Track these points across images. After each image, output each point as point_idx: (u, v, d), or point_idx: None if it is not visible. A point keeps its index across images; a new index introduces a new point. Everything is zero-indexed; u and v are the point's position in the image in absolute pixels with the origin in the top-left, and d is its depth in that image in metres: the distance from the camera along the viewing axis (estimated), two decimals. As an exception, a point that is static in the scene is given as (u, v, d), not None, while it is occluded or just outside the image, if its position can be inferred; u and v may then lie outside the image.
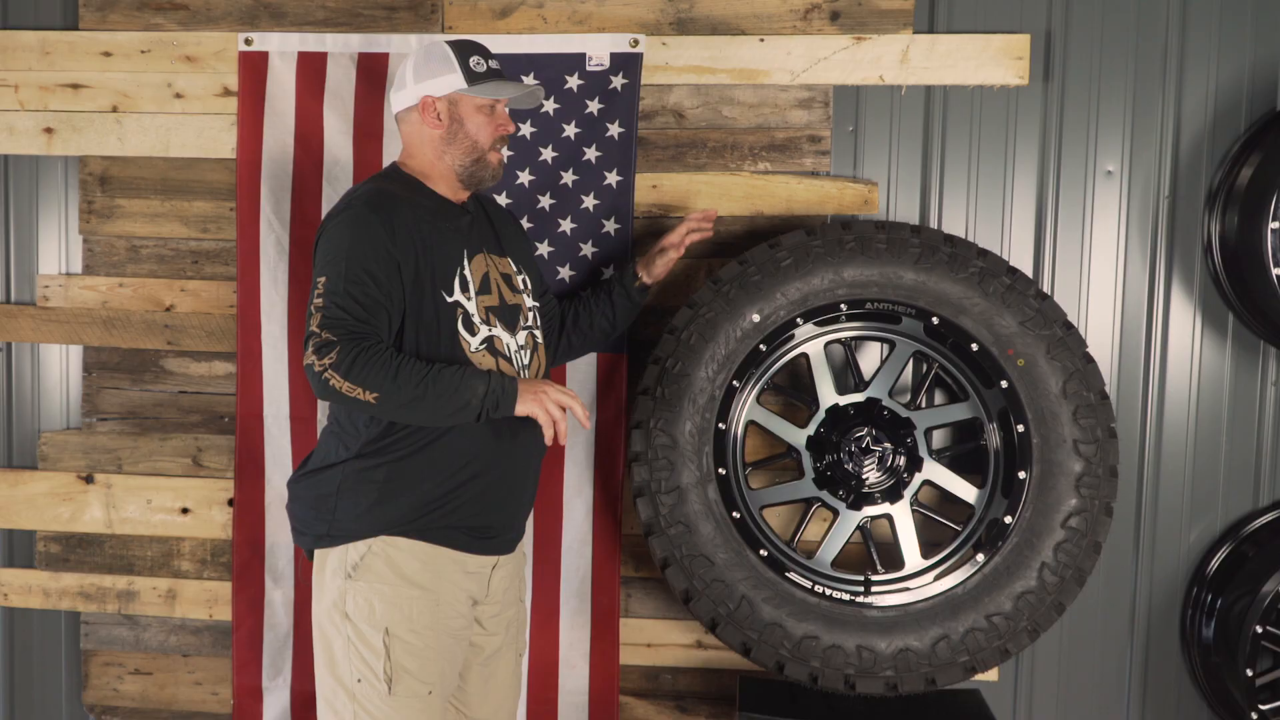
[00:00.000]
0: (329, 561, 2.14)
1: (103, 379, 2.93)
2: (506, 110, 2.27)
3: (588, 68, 2.71)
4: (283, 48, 2.78)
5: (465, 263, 2.16)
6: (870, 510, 2.52)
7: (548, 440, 2.04)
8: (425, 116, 2.19)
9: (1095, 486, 2.39)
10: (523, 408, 2.03)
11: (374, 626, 2.09)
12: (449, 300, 2.11)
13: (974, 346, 2.43)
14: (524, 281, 2.29)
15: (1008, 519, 2.42)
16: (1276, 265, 2.46)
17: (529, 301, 2.27)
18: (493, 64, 2.23)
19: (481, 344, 2.14)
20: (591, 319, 2.51)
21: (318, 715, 2.18)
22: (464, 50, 2.20)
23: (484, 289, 2.18)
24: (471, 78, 2.18)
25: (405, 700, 2.10)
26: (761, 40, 2.71)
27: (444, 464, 2.12)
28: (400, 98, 2.23)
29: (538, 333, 2.28)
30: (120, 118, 2.87)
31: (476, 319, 2.14)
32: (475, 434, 2.12)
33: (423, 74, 2.19)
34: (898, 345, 2.56)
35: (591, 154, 2.71)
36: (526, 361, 2.22)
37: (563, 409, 2.04)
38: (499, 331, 2.17)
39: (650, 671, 2.85)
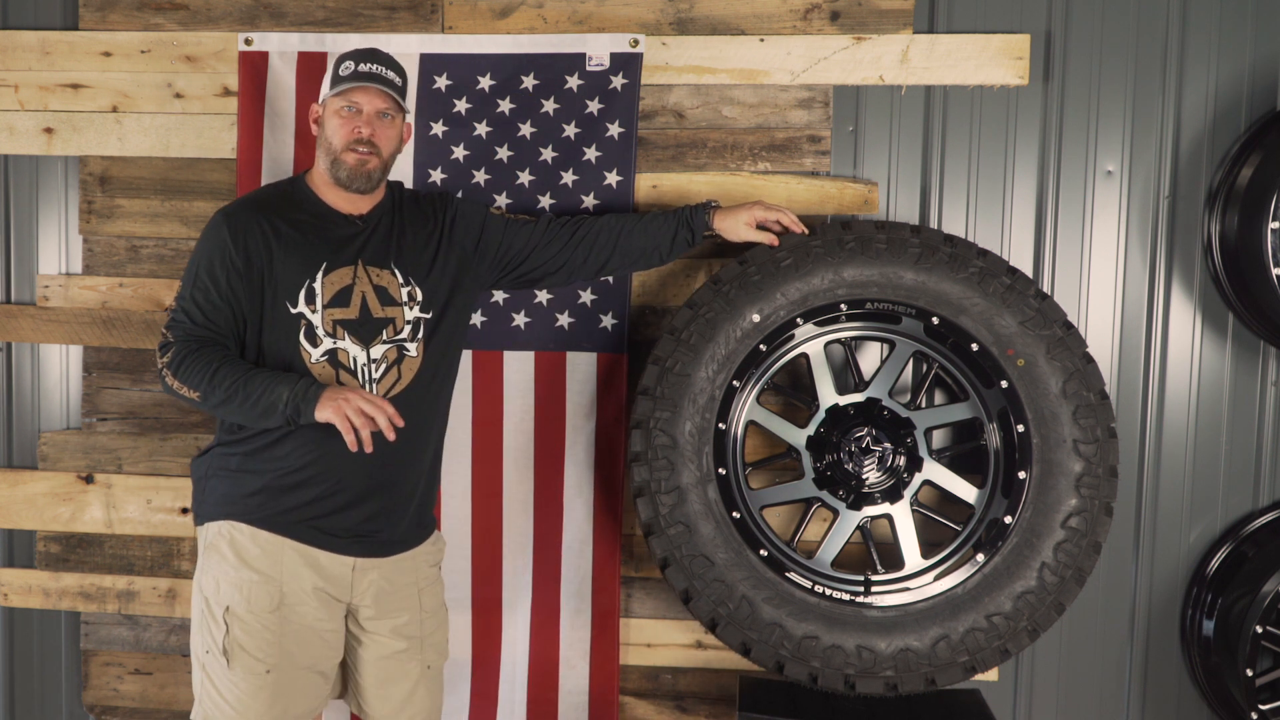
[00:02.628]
0: (199, 538, 2.30)
1: (103, 379, 2.93)
2: (376, 115, 2.26)
3: (588, 68, 2.71)
4: (283, 48, 2.78)
5: (318, 275, 2.23)
6: (870, 510, 2.52)
7: (350, 444, 2.06)
8: (312, 122, 2.33)
9: (1095, 486, 2.39)
10: (321, 414, 2.08)
11: (218, 603, 2.21)
12: (292, 311, 2.21)
13: (974, 346, 2.43)
14: (410, 294, 2.30)
15: (1008, 519, 2.42)
16: (1276, 265, 2.47)
17: (410, 314, 2.28)
18: (364, 67, 2.26)
19: (323, 356, 2.22)
20: (645, 246, 2.49)
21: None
22: (343, 57, 2.29)
23: (339, 302, 2.23)
24: (334, 81, 2.27)
25: (242, 675, 2.20)
26: (761, 40, 2.71)
27: (286, 460, 2.21)
28: None
29: (410, 346, 2.28)
30: (120, 118, 2.87)
31: (320, 331, 2.22)
32: (318, 436, 2.18)
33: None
34: (898, 345, 2.56)
35: (591, 154, 2.71)
36: (378, 375, 2.25)
37: (365, 415, 2.07)
38: (346, 344, 2.23)
39: (650, 671, 2.85)
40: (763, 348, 2.46)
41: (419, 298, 2.31)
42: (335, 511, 2.23)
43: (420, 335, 2.30)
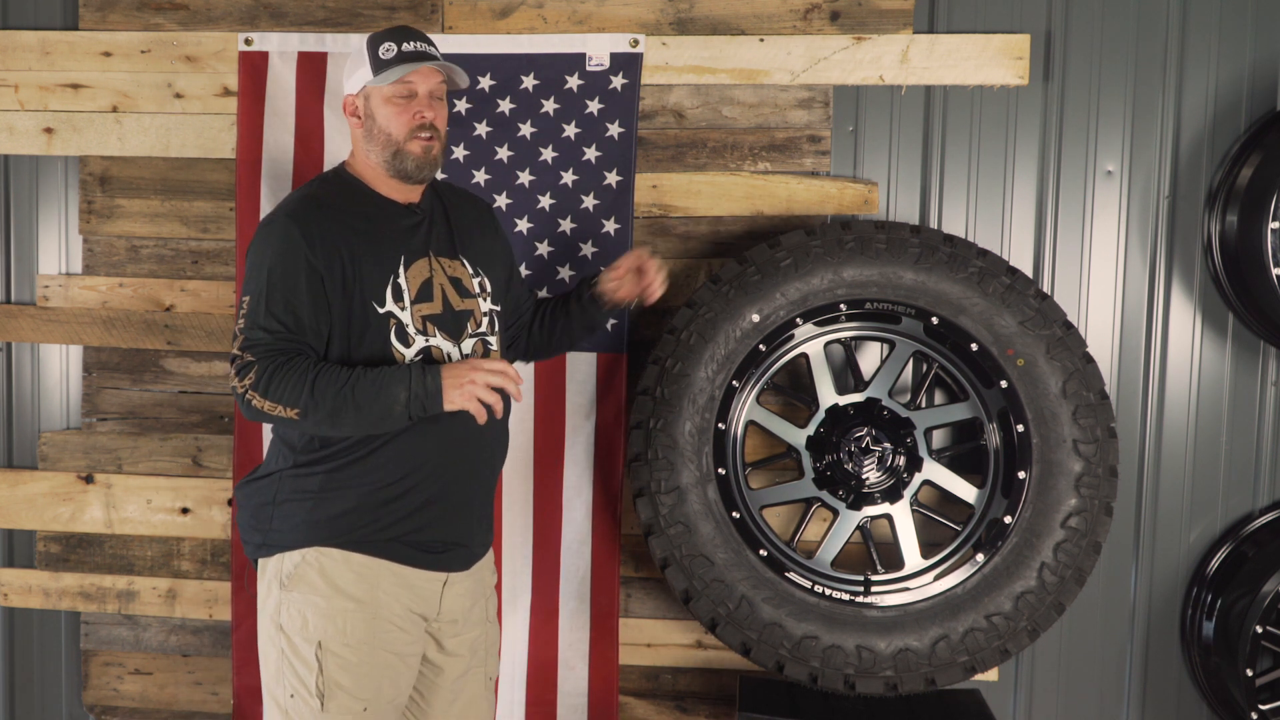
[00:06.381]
0: (267, 571, 2.09)
1: (103, 379, 2.93)
2: (431, 97, 2.10)
3: (588, 68, 2.71)
4: (283, 48, 2.78)
5: (401, 270, 2.05)
6: (870, 510, 2.52)
7: (480, 420, 1.93)
8: (348, 116, 2.13)
9: (1095, 486, 2.39)
10: (451, 406, 1.93)
11: (307, 640, 2.02)
12: (380, 311, 2.02)
13: (974, 346, 2.43)
14: (480, 284, 2.16)
15: (1007, 519, 2.42)
16: (1276, 265, 2.46)
17: (485, 305, 2.16)
18: (407, 46, 2.07)
19: (417, 356, 2.05)
20: (554, 322, 2.37)
21: None
22: (376, 40, 2.09)
23: (423, 296, 2.07)
24: (377, 66, 2.06)
25: (338, 717, 2.02)
26: (761, 40, 2.71)
27: (380, 474, 2.03)
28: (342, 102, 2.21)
29: (491, 339, 2.16)
30: (120, 118, 2.87)
31: (411, 329, 2.04)
32: (413, 444, 2.03)
33: (348, 73, 2.13)
34: (897, 345, 2.56)
35: (591, 154, 2.71)
36: None
37: (494, 389, 1.93)
38: (439, 341, 2.07)
39: (650, 671, 2.85)
40: (762, 348, 2.46)
41: (488, 289, 2.17)
42: (430, 524, 2.07)
43: (498, 328, 2.18)
